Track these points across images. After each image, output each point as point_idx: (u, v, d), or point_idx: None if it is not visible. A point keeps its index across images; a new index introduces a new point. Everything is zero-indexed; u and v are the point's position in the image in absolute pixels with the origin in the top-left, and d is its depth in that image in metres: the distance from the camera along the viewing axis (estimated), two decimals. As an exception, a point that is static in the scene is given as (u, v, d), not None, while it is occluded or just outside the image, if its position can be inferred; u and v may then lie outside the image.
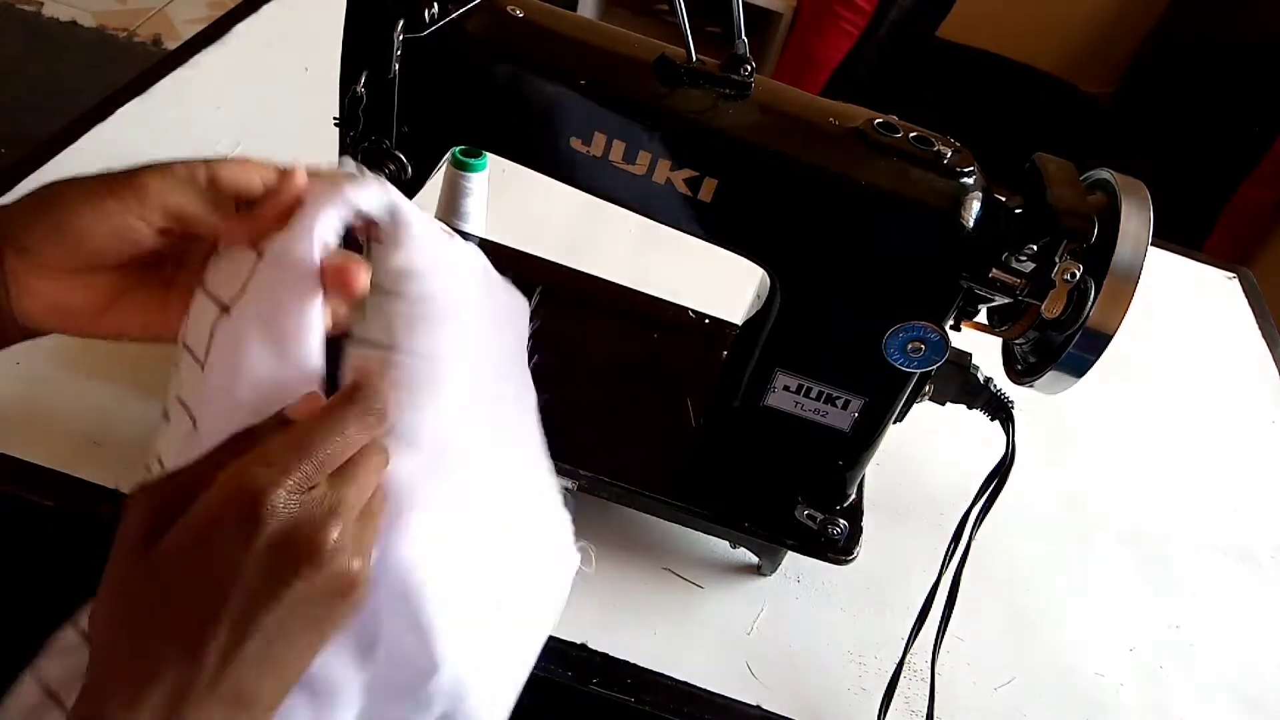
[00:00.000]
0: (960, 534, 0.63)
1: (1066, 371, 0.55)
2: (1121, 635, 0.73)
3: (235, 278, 0.39)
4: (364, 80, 0.54)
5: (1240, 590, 0.79)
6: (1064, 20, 2.26)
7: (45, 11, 2.32)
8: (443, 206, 0.82)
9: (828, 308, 0.57)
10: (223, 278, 0.39)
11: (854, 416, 0.60)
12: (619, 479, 0.64)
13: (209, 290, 0.39)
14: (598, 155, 0.55)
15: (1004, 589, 0.73)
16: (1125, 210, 0.53)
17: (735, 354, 0.66)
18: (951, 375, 0.62)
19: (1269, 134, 1.81)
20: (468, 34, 0.53)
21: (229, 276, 0.39)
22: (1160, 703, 0.69)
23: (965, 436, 0.72)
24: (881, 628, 0.68)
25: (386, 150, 0.57)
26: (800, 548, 0.64)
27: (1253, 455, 0.92)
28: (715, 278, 0.77)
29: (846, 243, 0.55)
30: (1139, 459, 0.88)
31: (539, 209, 0.90)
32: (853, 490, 0.66)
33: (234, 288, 0.38)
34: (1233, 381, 1.00)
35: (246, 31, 1.05)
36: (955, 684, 0.66)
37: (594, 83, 0.53)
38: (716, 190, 0.54)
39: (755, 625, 0.66)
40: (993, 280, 0.53)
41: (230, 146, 0.90)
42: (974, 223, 0.53)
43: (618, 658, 0.62)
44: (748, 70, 0.54)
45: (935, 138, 0.55)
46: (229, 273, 0.39)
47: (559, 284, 0.78)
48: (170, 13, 2.42)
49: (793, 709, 0.63)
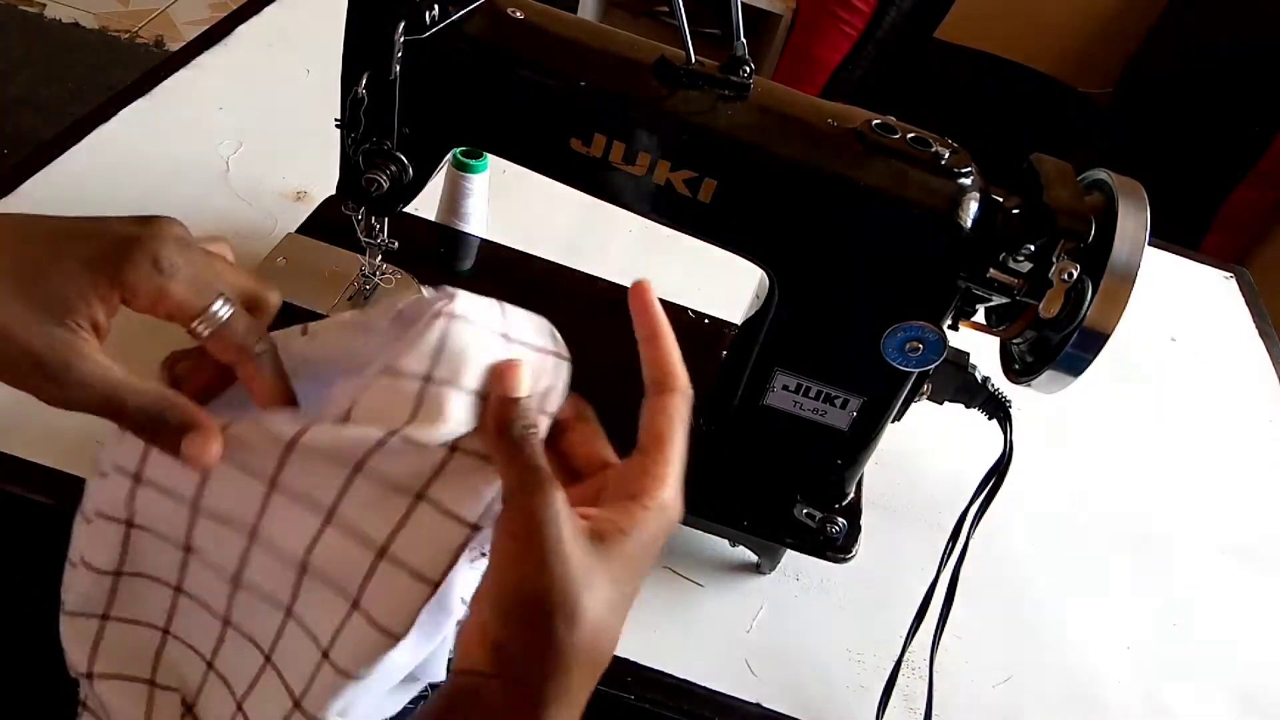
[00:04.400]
0: (958, 532, 0.63)
1: (1064, 371, 0.55)
2: (1119, 633, 0.73)
3: (391, 410, 0.36)
4: (365, 82, 0.54)
5: (1237, 589, 0.79)
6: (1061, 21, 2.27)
7: (48, 13, 2.32)
8: (443, 207, 0.83)
9: (826, 308, 0.58)
10: (376, 413, 0.37)
11: (852, 416, 0.61)
12: (619, 478, 0.64)
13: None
14: (597, 156, 0.55)
15: (1002, 587, 0.74)
16: (1122, 210, 0.53)
17: (734, 354, 0.66)
18: (949, 374, 0.62)
19: (1266, 134, 1.81)
20: (468, 36, 0.54)
21: (384, 405, 0.37)
22: (1158, 701, 0.70)
23: (963, 435, 0.73)
24: (880, 625, 0.68)
25: (388, 151, 0.58)
26: (799, 546, 0.64)
27: (1250, 454, 0.93)
28: (714, 278, 0.77)
29: (845, 243, 0.55)
30: (1136, 458, 0.89)
31: (539, 210, 0.91)
32: (851, 489, 0.66)
33: (398, 420, 0.36)
34: (1230, 381, 1.01)
35: (248, 33, 1.06)
36: (954, 681, 0.66)
37: (594, 84, 0.54)
38: (715, 191, 0.55)
39: (755, 623, 0.67)
40: (990, 280, 0.54)
41: (232, 148, 0.90)
42: (971, 223, 0.53)
43: (618, 655, 0.62)
44: (747, 71, 0.55)
45: (933, 138, 0.55)
46: (378, 408, 0.37)
47: (559, 284, 0.79)
48: (172, 14, 2.43)
49: (792, 707, 0.63)
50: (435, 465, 0.37)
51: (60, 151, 0.84)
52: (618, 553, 0.35)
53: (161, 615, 0.43)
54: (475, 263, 0.80)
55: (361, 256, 0.69)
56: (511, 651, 0.34)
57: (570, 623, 0.33)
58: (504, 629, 0.34)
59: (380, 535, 0.37)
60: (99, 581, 0.42)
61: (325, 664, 0.37)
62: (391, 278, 0.72)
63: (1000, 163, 0.59)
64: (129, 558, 0.42)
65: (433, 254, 0.78)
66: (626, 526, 0.36)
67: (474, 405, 0.37)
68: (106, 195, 0.80)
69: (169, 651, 0.43)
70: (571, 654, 0.34)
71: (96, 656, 0.43)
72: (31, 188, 0.80)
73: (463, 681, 0.34)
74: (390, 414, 0.36)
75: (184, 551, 0.41)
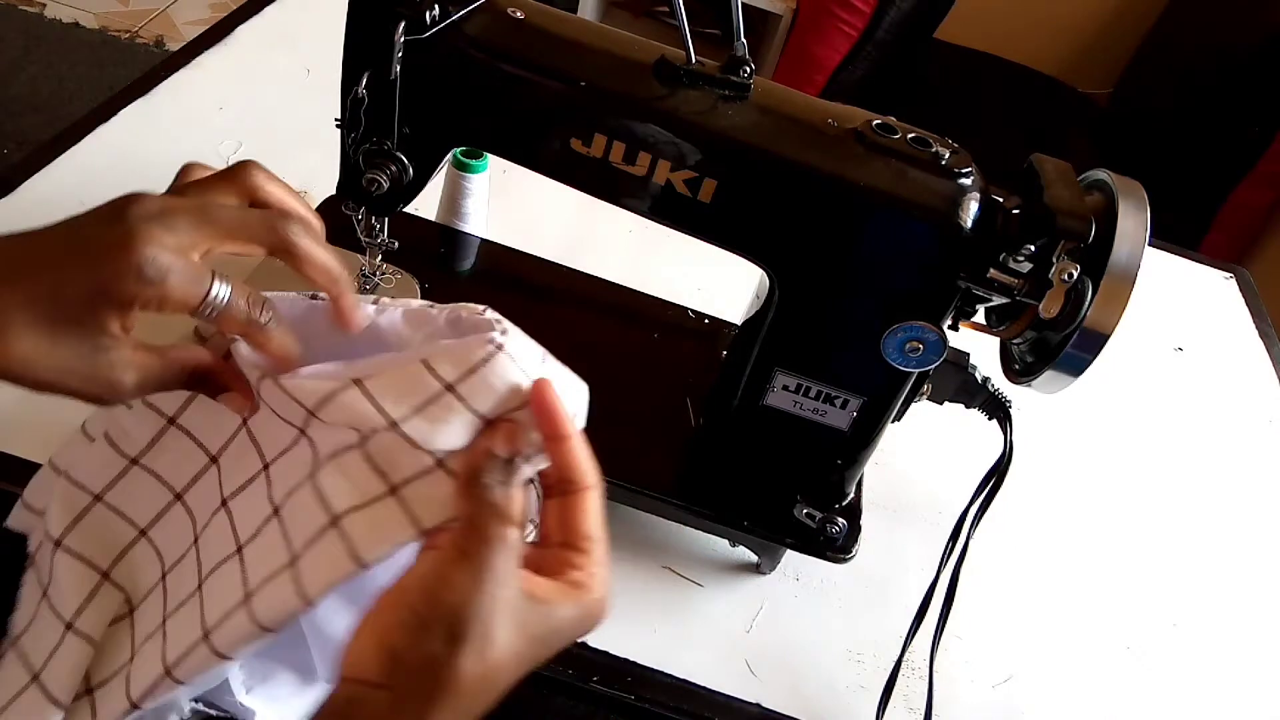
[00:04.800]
0: (958, 532, 0.63)
1: (1064, 371, 0.55)
2: (1119, 633, 0.73)
3: (411, 396, 0.38)
4: (365, 82, 0.54)
5: (1237, 589, 0.79)
6: (1062, 22, 2.27)
7: (48, 13, 2.32)
8: (444, 207, 0.83)
9: (826, 308, 0.58)
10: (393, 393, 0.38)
11: (853, 416, 0.61)
12: (619, 478, 0.64)
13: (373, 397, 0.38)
14: (598, 156, 0.55)
15: (1002, 587, 0.74)
16: (1122, 210, 0.53)
17: (734, 354, 0.66)
18: (949, 375, 0.62)
19: (1266, 135, 1.81)
20: (468, 36, 0.54)
21: (402, 392, 0.38)
22: (1158, 701, 0.70)
23: (963, 436, 0.73)
24: (880, 626, 0.68)
25: (388, 151, 0.58)
26: (799, 546, 0.65)
27: (1250, 454, 0.93)
28: (715, 278, 0.77)
29: (845, 243, 0.55)
30: (1135, 457, 0.89)
31: (539, 210, 0.91)
32: (851, 489, 0.66)
33: (408, 405, 0.37)
34: (1230, 381, 1.01)
35: (248, 33, 1.06)
36: (953, 682, 0.66)
37: (594, 84, 0.54)
38: (715, 191, 0.55)
39: (755, 623, 0.67)
40: (990, 280, 0.54)
41: (233, 148, 0.90)
42: (972, 223, 0.53)
43: (618, 655, 0.62)
44: (747, 72, 0.55)
45: (933, 139, 0.55)
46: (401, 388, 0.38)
47: (559, 284, 0.79)
48: (172, 14, 2.43)
49: (792, 706, 0.63)
50: (420, 470, 0.37)
51: (60, 151, 0.84)
52: (544, 616, 0.35)
53: (148, 516, 0.45)
54: (475, 262, 0.80)
55: (362, 256, 0.69)
56: (408, 662, 0.33)
57: (477, 651, 0.33)
58: (408, 636, 0.33)
59: (341, 506, 0.37)
60: (112, 462, 0.44)
61: (244, 608, 0.38)
62: (392, 277, 0.72)
63: (1000, 163, 0.59)
64: (151, 452, 0.44)
65: (433, 254, 0.79)
66: (560, 604, 0.36)
67: (473, 432, 0.38)
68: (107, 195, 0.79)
69: (135, 551, 0.45)
70: (465, 682, 0.33)
71: (70, 531, 0.44)
72: (31, 187, 0.80)
73: (348, 689, 0.33)
74: (402, 397, 0.37)
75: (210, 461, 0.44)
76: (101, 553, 0.45)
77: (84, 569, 0.44)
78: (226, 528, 0.42)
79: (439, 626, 0.33)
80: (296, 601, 0.37)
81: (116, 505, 0.45)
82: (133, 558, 0.45)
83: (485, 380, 0.37)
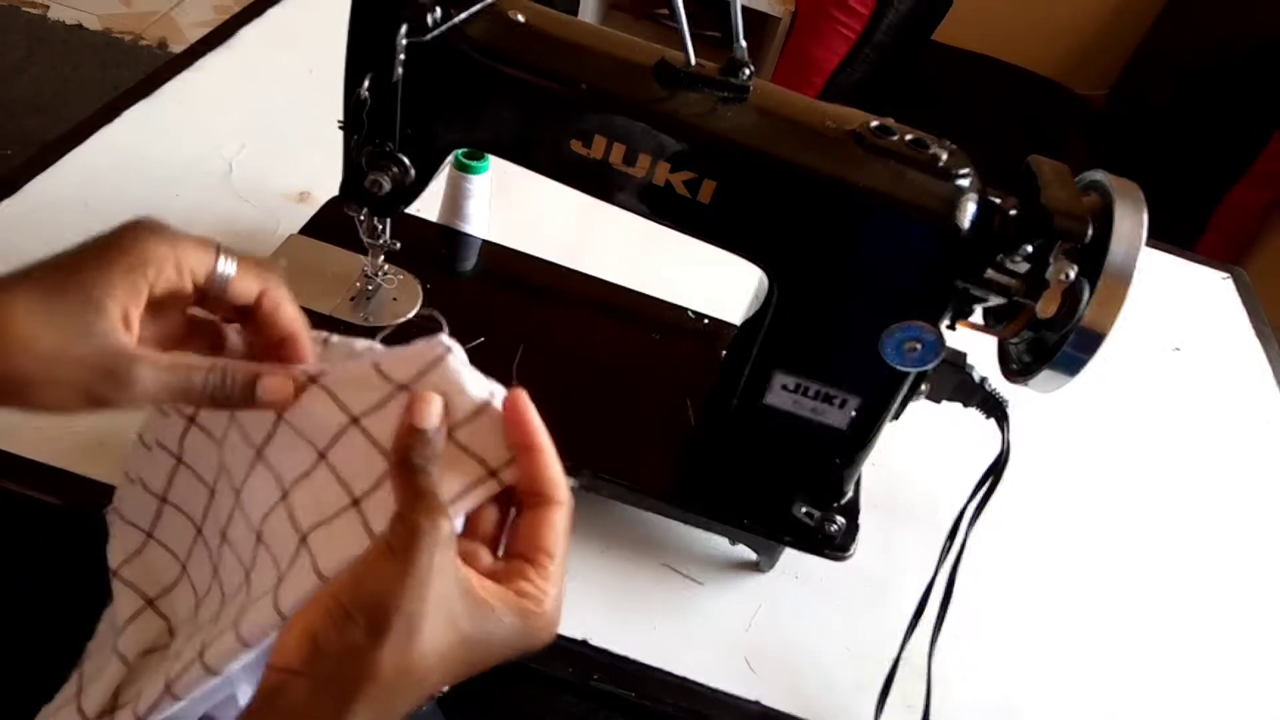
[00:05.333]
0: (956, 531, 0.63)
1: (1061, 371, 0.56)
2: (1118, 633, 0.74)
3: (367, 393, 0.39)
4: (368, 84, 0.54)
5: (1235, 588, 0.80)
6: (1059, 24, 2.27)
7: (51, 14, 2.32)
8: (445, 209, 0.83)
9: (825, 308, 0.58)
10: (351, 389, 0.40)
11: (851, 415, 0.61)
12: (619, 477, 0.64)
13: (332, 393, 0.40)
14: (598, 158, 0.55)
15: (999, 586, 0.74)
16: (1119, 211, 0.53)
17: (734, 354, 0.67)
18: (947, 374, 0.63)
19: (1262, 136, 1.82)
20: (470, 38, 0.54)
21: (359, 389, 0.40)
22: (1158, 701, 0.70)
23: (961, 435, 0.73)
24: (879, 624, 0.69)
25: (390, 153, 0.58)
26: (798, 544, 0.65)
27: (1248, 454, 0.93)
28: (714, 279, 0.78)
29: (843, 244, 0.55)
30: (1133, 456, 0.89)
31: (540, 211, 0.91)
32: (850, 488, 0.67)
33: (366, 403, 0.39)
34: (1226, 381, 1.01)
35: (252, 35, 1.06)
36: (952, 680, 0.67)
37: (594, 86, 0.54)
38: (715, 192, 0.55)
39: (754, 621, 0.67)
40: (988, 281, 0.54)
41: (236, 149, 0.90)
42: (969, 224, 0.53)
43: (618, 653, 0.63)
44: (746, 74, 0.55)
45: (931, 140, 0.55)
46: (358, 385, 0.40)
47: (559, 284, 0.79)
48: (176, 16, 2.43)
49: (791, 704, 0.63)
50: (378, 479, 0.38)
51: (64, 152, 0.84)
52: (483, 618, 0.35)
53: (185, 550, 0.47)
54: (476, 263, 0.80)
55: (364, 257, 0.70)
56: (328, 651, 0.33)
57: (399, 643, 0.33)
58: (331, 626, 0.33)
59: (306, 523, 0.39)
60: (147, 502, 0.47)
61: (231, 631, 0.39)
62: (394, 278, 0.72)
63: (998, 164, 0.59)
64: (173, 488, 0.47)
65: (435, 255, 0.79)
66: (502, 611, 0.36)
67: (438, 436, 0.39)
68: (109, 196, 0.81)
69: (180, 587, 0.47)
70: (385, 673, 0.33)
71: (127, 564, 0.48)
72: (35, 188, 0.80)
73: (273, 678, 0.34)
74: (359, 395, 0.39)
75: (209, 495, 0.46)
76: (150, 584, 0.47)
77: (133, 595, 0.47)
78: (232, 557, 0.44)
79: (361, 617, 0.33)
80: (273, 616, 0.37)
81: (163, 540, 0.48)
82: (178, 591, 0.47)
83: (435, 383, 0.39)
